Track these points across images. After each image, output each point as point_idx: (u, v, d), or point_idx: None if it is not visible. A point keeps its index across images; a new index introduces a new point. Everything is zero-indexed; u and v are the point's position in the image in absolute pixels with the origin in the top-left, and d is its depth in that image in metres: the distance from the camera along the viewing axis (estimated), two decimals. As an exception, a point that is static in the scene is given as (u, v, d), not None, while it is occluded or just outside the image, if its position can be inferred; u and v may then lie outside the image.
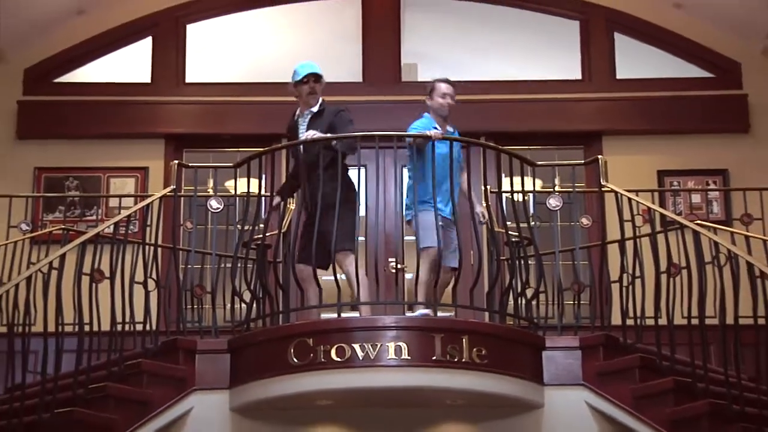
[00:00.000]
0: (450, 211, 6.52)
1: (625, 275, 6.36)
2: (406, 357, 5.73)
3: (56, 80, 9.44)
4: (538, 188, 7.45)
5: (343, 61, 9.59)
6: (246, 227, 6.55)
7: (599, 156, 6.99)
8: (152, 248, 6.53)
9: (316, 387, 5.81)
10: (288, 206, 7.07)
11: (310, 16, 9.80)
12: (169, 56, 9.52)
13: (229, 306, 6.51)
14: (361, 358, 5.72)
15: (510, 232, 6.65)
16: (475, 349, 5.82)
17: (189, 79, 9.53)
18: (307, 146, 6.43)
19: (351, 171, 6.46)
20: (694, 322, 5.87)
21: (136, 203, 7.72)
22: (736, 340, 5.62)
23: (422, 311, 6.33)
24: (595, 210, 7.30)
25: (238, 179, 6.62)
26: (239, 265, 6.51)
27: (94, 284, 5.99)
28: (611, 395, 6.01)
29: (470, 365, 5.80)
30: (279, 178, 7.41)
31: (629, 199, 6.49)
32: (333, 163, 6.31)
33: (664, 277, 6.13)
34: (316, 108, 6.69)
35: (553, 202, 6.68)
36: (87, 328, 5.88)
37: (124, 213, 6.56)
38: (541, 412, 6.09)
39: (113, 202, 8.89)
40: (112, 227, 6.31)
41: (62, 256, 5.80)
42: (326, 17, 9.84)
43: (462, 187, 6.89)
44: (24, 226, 7.52)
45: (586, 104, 9.36)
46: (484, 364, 5.83)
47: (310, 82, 6.67)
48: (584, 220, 6.84)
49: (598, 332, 6.30)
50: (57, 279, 5.74)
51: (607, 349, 6.16)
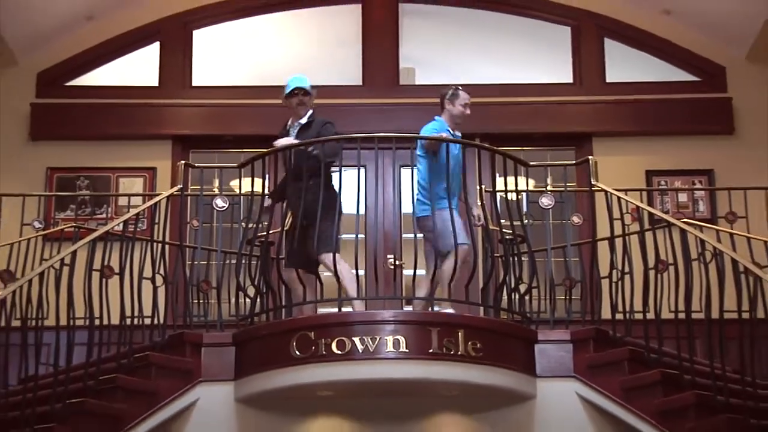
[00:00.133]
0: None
1: (614, 271, 6.36)
2: (404, 350, 5.73)
3: (68, 84, 9.43)
4: (531, 187, 7.46)
5: (344, 66, 9.60)
6: (250, 225, 6.56)
7: (590, 156, 7.00)
8: (160, 245, 6.52)
9: (317, 379, 5.81)
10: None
11: (312, 23, 9.80)
12: (176, 60, 9.51)
13: (233, 301, 6.52)
14: (360, 351, 5.72)
15: (504, 230, 6.66)
16: (470, 343, 5.81)
17: (195, 82, 9.53)
18: (294, 155, 6.45)
19: (349, 173, 6.45)
20: (681, 316, 5.88)
21: (144, 202, 7.72)
22: (721, 334, 5.62)
23: (449, 310, 6.32)
24: (586, 208, 7.29)
25: (242, 179, 6.60)
26: (243, 262, 6.50)
27: (104, 280, 5.98)
28: (601, 387, 6.02)
29: (466, 358, 5.80)
30: (281, 178, 7.40)
31: (618, 198, 6.49)
32: (317, 172, 6.31)
33: (652, 273, 6.13)
34: (304, 120, 6.73)
35: (546, 201, 6.67)
36: (97, 322, 5.88)
37: (133, 211, 6.57)
38: (534, 403, 6.10)
39: (122, 201, 8.88)
40: (121, 225, 6.30)
41: (73, 253, 5.80)
42: (327, 23, 9.84)
43: None
44: (37, 224, 7.52)
45: (577, 107, 9.35)
46: (479, 357, 5.83)
47: (299, 95, 6.72)
48: (575, 219, 6.84)
49: (589, 326, 6.29)
50: (68, 275, 5.75)
51: (597, 343, 6.17)
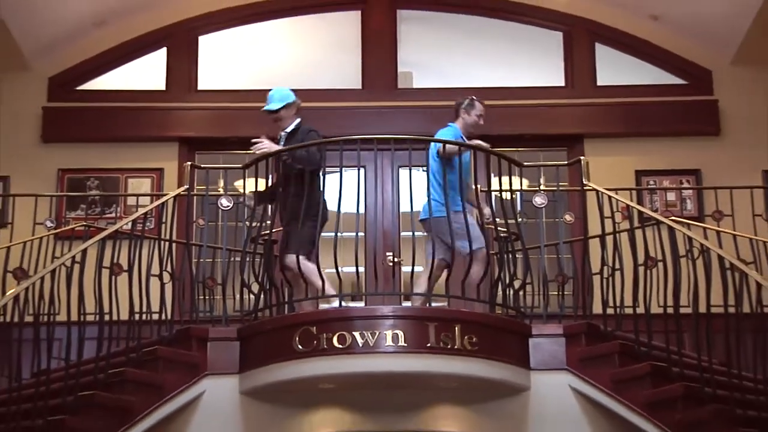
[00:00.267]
0: None
1: (605, 268, 6.36)
2: (403, 344, 5.73)
3: (78, 88, 9.42)
4: (524, 187, 7.45)
5: (344, 70, 9.59)
6: (254, 224, 6.56)
7: (581, 157, 7.01)
8: (167, 243, 6.52)
9: (319, 372, 5.80)
10: None
11: (314, 28, 9.79)
12: (183, 65, 9.50)
13: (238, 297, 6.50)
14: (360, 345, 5.72)
15: (499, 228, 6.65)
16: (466, 337, 5.81)
17: (201, 86, 9.52)
18: (280, 162, 6.48)
19: (349, 173, 6.44)
20: (670, 311, 5.89)
21: (152, 202, 7.70)
22: (708, 328, 5.62)
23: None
24: (578, 207, 7.27)
25: (246, 179, 6.60)
26: (248, 259, 6.50)
27: (113, 277, 5.99)
28: (593, 379, 6.02)
29: (462, 352, 5.79)
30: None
31: (609, 197, 6.49)
32: (301, 178, 6.35)
33: (641, 270, 6.12)
34: (290, 129, 6.76)
35: (539, 200, 6.67)
36: (107, 317, 5.89)
37: (141, 211, 6.56)
38: (528, 395, 6.10)
39: (131, 201, 8.87)
40: (130, 224, 6.30)
41: (84, 251, 5.80)
42: (328, 29, 9.83)
43: None
44: (49, 223, 7.51)
45: (569, 109, 9.34)
46: (475, 351, 5.82)
47: (271, 115, 6.77)
48: (568, 217, 6.84)
49: (581, 321, 6.30)
50: (79, 272, 5.75)
51: (589, 337, 6.16)
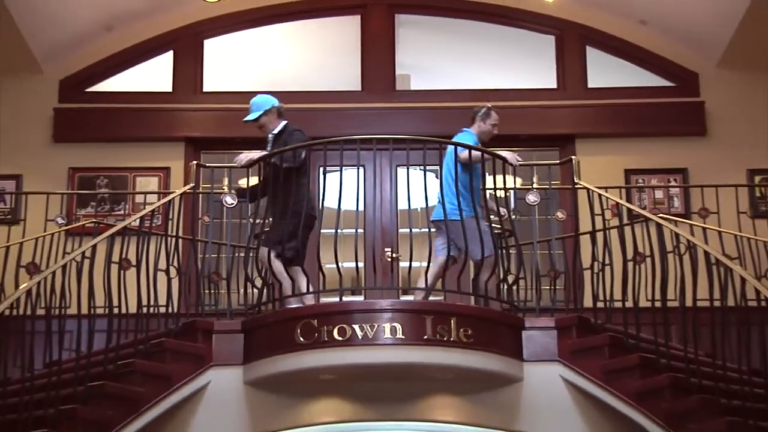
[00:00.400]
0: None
1: (595, 263, 6.37)
2: (401, 336, 5.74)
3: (88, 90, 9.40)
4: (518, 185, 7.45)
5: (344, 72, 9.58)
6: (257, 221, 6.56)
7: (573, 156, 7.01)
8: (174, 239, 6.53)
9: (320, 363, 5.82)
10: None
11: (315, 32, 9.78)
12: (188, 68, 9.49)
13: (242, 291, 6.51)
14: (360, 338, 5.73)
15: (493, 225, 6.66)
16: (462, 330, 5.82)
17: (206, 88, 9.50)
18: (266, 163, 6.51)
19: (349, 172, 6.45)
20: (657, 304, 5.89)
21: (159, 199, 7.69)
22: (694, 321, 5.63)
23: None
24: (569, 205, 7.27)
25: (250, 178, 6.60)
26: (251, 255, 6.51)
27: (122, 272, 6.00)
28: (583, 370, 6.03)
29: (458, 344, 5.81)
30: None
31: (599, 195, 6.50)
32: (288, 178, 6.39)
33: (630, 265, 6.13)
34: (276, 131, 6.80)
35: (532, 198, 6.68)
36: (116, 310, 5.90)
37: (149, 208, 6.56)
38: (521, 385, 6.11)
39: (139, 199, 8.85)
40: (138, 221, 6.31)
41: (94, 247, 5.81)
42: (329, 33, 9.82)
43: None
44: (60, 220, 7.50)
45: (561, 110, 9.33)
46: (471, 343, 5.84)
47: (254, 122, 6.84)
48: (559, 214, 6.84)
49: (572, 314, 6.31)
50: (89, 267, 5.76)
51: (580, 329, 6.18)
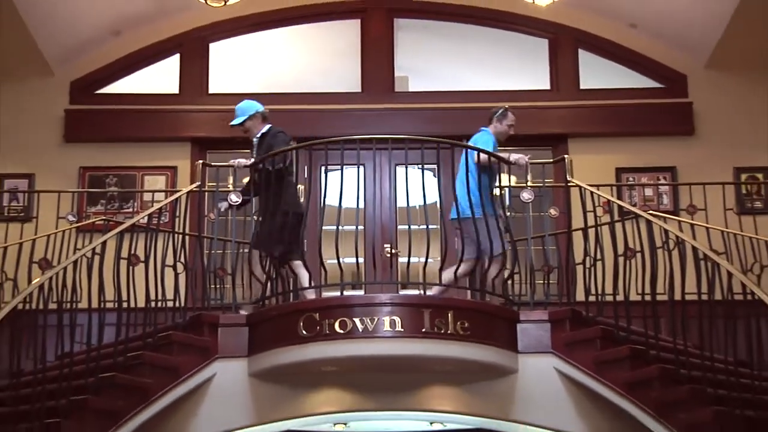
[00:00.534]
0: None
1: (588, 258, 6.38)
2: (400, 329, 5.74)
3: (98, 92, 9.40)
4: (513, 183, 7.45)
5: (344, 74, 9.58)
6: (260, 218, 6.56)
7: (565, 155, 7.00)
8: (181, 236, 6.53)
9: (322, 355, 5.83)
10: None
11: (316, 36, 9.78)
12: (194, 70, 9.49)
13: (247, 286, 6.52)
14: (360, 330, 5.73)
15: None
16: (459, 323, 5.83)
17: (212, 90, 9.50)
18: (261, 171, 6.56)
19: (349, 171, 6.45)
20: (647, 298, 5.90)
21: (166, 197, 7.71)
22: (683, 314, 5.63)
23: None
24: (562, 202, 7.28)
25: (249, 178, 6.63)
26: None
27: (131, 267, 6.01)
28: (576, 361, 6.04)
29: (455, 336, 5.81)
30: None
31: (591, 192, 6.50)
32: (279, 179, 6.43)
33: (621, 260, 6.13)
34: (260, 133, 6.90)
35: (526, 196, 6.67)
36: (125, 304, 5.91)
37: (157, 206, 6.57)
38: (516, 377, 6.12)
39: (147, 197, 8.87)
40: (146, 218, 6.32)
41: (104, 243, 5.82)
42: (330, 36, 9.82)
43: None
44: (71, 217, 7.50)
45: (554, 111, 9.33)
46: (467, 335, 5.84)
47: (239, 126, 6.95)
48: (553, 211, 6.84)
49: (565, 307, 6.31)
50: (99, 263, 5.77)
51: (573, 322, 6.18)
